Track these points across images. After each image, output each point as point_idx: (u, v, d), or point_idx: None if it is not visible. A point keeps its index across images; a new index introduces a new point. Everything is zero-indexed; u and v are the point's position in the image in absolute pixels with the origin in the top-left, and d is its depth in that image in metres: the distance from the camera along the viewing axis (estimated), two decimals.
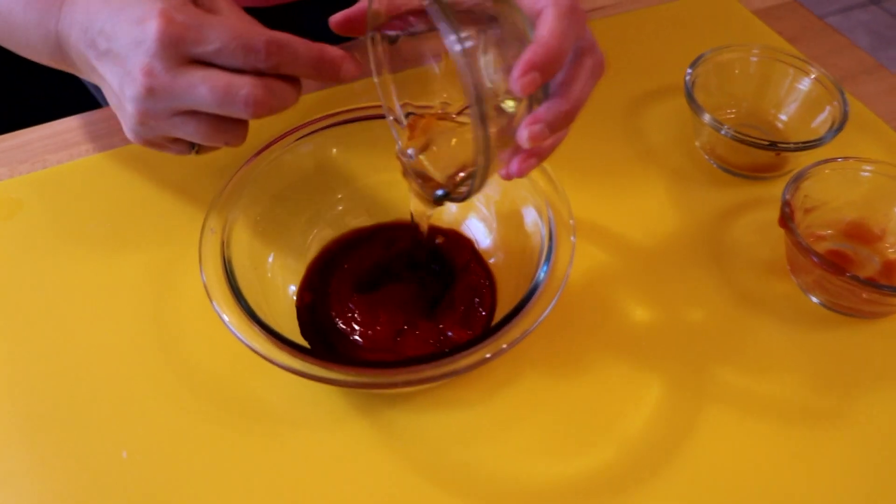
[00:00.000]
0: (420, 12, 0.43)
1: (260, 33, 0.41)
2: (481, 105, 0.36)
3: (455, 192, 0.44)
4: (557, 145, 0.44)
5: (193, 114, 0.43)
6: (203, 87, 0.41)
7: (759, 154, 0.60)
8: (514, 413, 0.48)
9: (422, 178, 0.45)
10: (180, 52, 0.41)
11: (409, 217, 0.55)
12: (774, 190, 0.61)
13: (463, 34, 0.36)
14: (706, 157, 0.64)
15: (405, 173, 0.46)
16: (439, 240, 0.54)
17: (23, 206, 0.58)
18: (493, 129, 0.38)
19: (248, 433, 0.47)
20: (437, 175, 0.45)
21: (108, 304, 0.53)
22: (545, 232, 0.47)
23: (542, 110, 0.39)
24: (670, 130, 0.66)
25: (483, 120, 0.37)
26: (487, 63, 0.40)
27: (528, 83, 0.37)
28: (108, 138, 0.63)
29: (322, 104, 0.65)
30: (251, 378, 0.48)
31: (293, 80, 0.44)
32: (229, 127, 0.44)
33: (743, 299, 0.54)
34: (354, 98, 0.66)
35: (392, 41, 0.45)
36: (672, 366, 0.50)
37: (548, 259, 0.45)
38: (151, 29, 0.41)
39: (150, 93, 0.41)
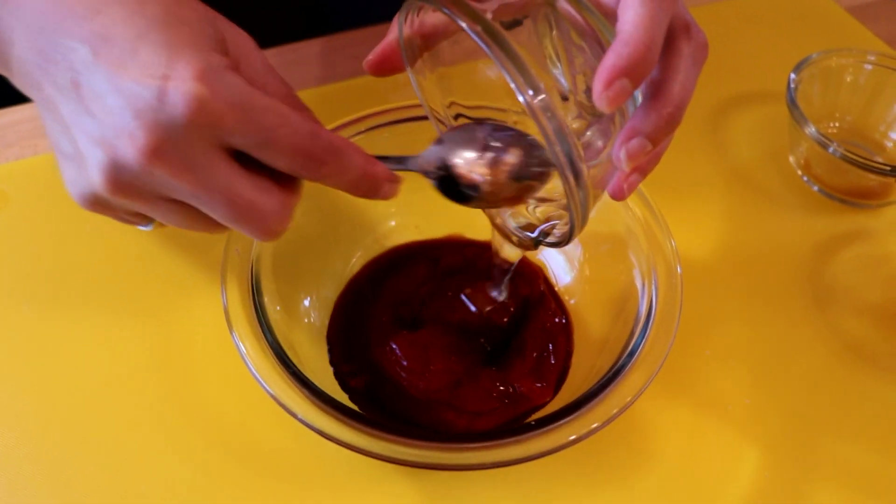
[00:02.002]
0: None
1: (317, 133, 0.31)
2: (579, 177, 0.29)
3: (542, 233, 0.36)
4: (664, 152, 0.36)
5: (186, 205, 0.31)
6: (220, 198, 0.30)
7: (865, 178, 0.51)
8: (587, 485, 0.40)
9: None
10: (209, 139, 0.29)
11: (457, 234, 0.48)
12: (878, 219, 0.54)
13: (540, 86, 0.28)
14: (801, 175, 0.56)
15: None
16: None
17: (9, 201, 0.50)
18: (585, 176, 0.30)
19: (273, 495, 0.39)
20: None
21: (108, 328, 0.44)
22: (645, 280, 0.39)
23: (638, 119, 0.31)
24: (760, 142, 0.58)
25: (578, 178, 0.29)
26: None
27: (615, 96, 0.28)
28: None
29: (346, 101, 0.56)
30: (278, 428, 0.40)
31: (297, 193, 0.33)
32: (220, 224, 0.33)
33: (852, 352, 0.46)
34: (383, 96, 0.56)
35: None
36: (771, 433, 0.42)
37: (648, 317, 0.37)
38: (178, 99, 0.28)
39: (146, 173, 0.29)
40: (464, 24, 0.29)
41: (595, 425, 0.34)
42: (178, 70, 0.28)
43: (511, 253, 0.39)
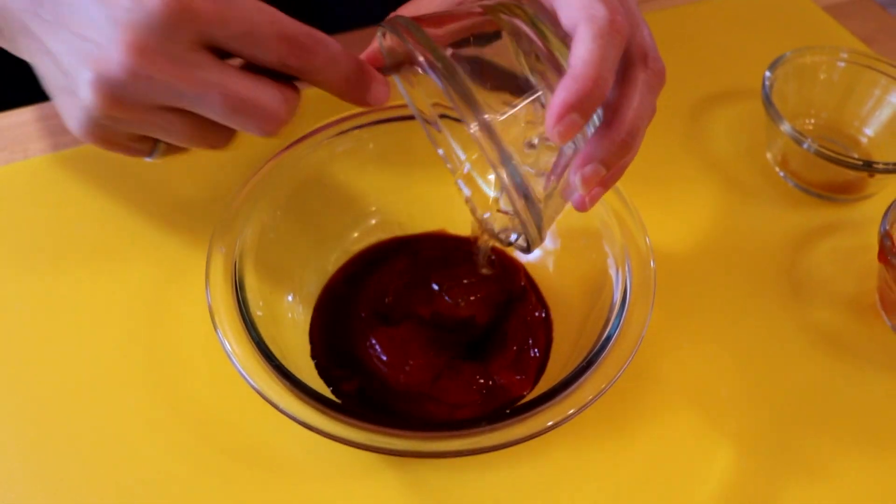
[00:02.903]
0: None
1: (297, 23, 0.32)
2: (528, 198, 0.31)
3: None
4: (627, 166, 0.37)
5: (185, 112, 0.32)
6: (213, 91, 0.31)
7: (840, 173, 0.52)
8: (566, 472, 0.41)
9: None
10: (193, 33, 0.30)
11: (440, 229, 0.49)
12: (853, 213, 0.55)
13: (486, 117, 0.30)
14: (778, 171, 0.57)
15: (466, 200, 0.39)
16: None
17: None
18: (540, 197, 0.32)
19: (258, 486, 0.39)
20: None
21: (96, 331, 0.45)
22: (619, 267, 0.40)
23: (592, 146, 0.33)
24: (737, 139, 0.59)
25: (533, 208, 0.32)
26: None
27: (566, 130, 0.30)
28: None
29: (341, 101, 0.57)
30: (263, 421, 0.41)
31: (296, 90, 0.34)
32: (222, 130, 0.34)
33: (827, 341, 0.47)
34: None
35: None
36: (747, 424, 0.43)
37: (623, 304, 0.38)
38: None
39: (135, 77, 0.30)
40: (418, 55, 0.30)
41: (571, 411, 0.35)
42: None
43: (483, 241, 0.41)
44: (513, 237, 0.38)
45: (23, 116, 0.56)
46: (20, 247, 0.48)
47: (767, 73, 0.55)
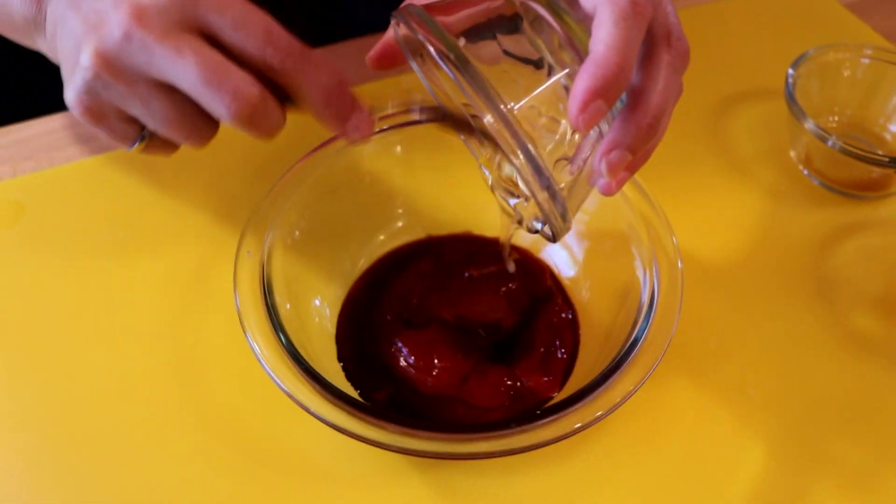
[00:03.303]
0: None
1: (286, 32, 0.33)
2: (549, 190, 0.31)
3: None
4: (654, 149, 0.37)
5: (166, 90, 0.34)
6: (192, 59, 0.32)
7: (866, 170, 0.52)
8: (597, 476, 0.40)
9: (512, 195, 0.38)
10: (188, 13, 0.33)
11: (465, 231, 0.49)
12: (879, 211, 0.55)
13: (505, 107, 0.30)
14: (802, 169, 0.56)
15: (492, 188, 0.39)
16: (513, 256, 0.46)
17: (25, 213, 0.51)
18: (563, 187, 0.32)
19: (285, 492, 0.40)
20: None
21: (123, 335, 0.45)
22: (647, 269, 0.40)
23: (617, 131, 0.32)
24: (761, 138, 0.59)
25: (550, 191, 0.31)
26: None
27: (591, 117, 0.30)
28: None
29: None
30: (290, 425, 0.41)
31: (281, 108, 0.35)
32: (199, 121, 0.35)
33: (856, 342, 0.47)
34: (402, 95, 0.57)
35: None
36: (774, 424, 0.43)
37: (651, 305, 0.38)
38: None
39: (127, 39, 0.32)
40: (429, 47, 0.30)
41: (599, 413, 0.35)
42: None
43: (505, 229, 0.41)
44: (538, 225, 0.38)
45: (51, 124, 0.56)
46: (49, 251, 0.49)
47: (790, 71, 0.54)
